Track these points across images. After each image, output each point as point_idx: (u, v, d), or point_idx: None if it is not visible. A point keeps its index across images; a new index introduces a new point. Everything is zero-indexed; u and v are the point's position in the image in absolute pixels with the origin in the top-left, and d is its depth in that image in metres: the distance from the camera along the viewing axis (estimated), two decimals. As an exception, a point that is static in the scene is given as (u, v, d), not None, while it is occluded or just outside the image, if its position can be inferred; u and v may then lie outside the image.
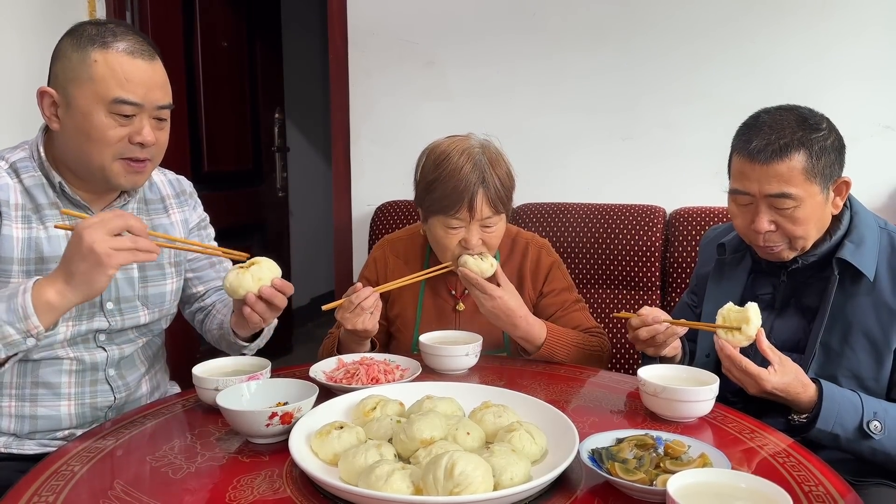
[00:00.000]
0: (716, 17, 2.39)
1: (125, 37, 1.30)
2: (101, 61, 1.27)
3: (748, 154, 1.34)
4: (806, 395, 1.28)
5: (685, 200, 2.36)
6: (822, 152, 1.32)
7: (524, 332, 1.54)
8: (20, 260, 1.33)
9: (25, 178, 1.36)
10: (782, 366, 1.27)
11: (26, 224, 1.34)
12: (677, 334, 1.40)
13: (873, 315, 1.35)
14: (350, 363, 1.44)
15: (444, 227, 1.59)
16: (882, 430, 1.26)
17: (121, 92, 1.27)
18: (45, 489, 0.98)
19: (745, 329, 1.28)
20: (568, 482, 0.99)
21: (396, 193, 2.65)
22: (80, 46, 1.28)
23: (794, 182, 1.31)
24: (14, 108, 2.38)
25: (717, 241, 1.59)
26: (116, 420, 1.24)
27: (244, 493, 0.97)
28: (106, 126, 1.28)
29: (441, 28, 2.67)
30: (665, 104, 2.47)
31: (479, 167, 1.56)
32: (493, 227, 1.61)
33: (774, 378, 1.25)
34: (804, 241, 1.37)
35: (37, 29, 2.48)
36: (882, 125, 2.28)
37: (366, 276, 1.81)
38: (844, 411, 1.26)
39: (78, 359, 1.40)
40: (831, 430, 1.26)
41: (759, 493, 0.88)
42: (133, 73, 1.28)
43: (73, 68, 1.28)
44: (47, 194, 1.36)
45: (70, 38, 1.30)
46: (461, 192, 1.54)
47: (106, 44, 1.27)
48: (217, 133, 3.36)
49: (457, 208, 1.55)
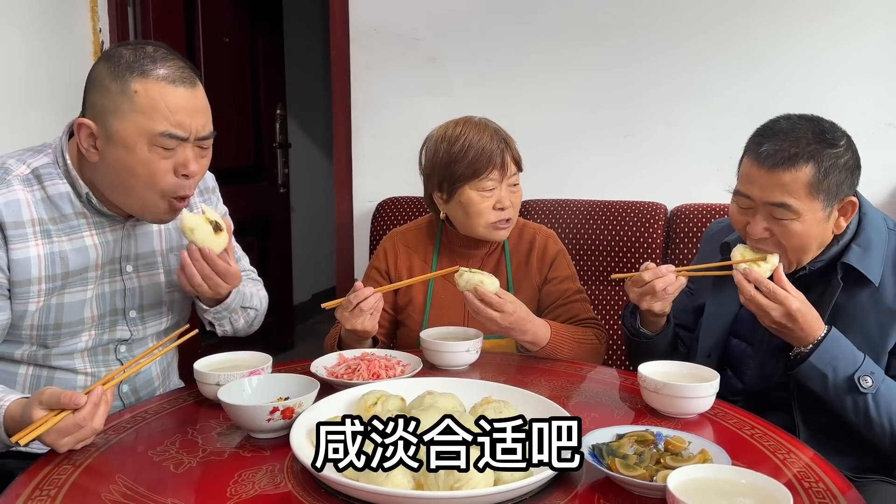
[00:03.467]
0: (718, 14, 2.39)
1: (165, 63, 1.23)
2: (141, 92, 1.20)
3: (756, 158, 1.32)
4: (818, 330, 1.29)
5: (686, 197, 2.36)
6: (833, 169, 1.28)
7: (532, 335, 1.55)
8: (44, 278, 1.28)
9: (49, 185, 1.29)
10: (799, 295, 1.29)
11: (46, 238, 1.27)
12: (683, 285, 1.43)
13: (874, 316, 1.34)
14: (351, 358, 1.44)
15: (479, 193, 1.66)
16: (872, 386, 1.26)
17: (166, 125, 1.21)
18: (47, 483, 0.98)
19: (770, 258, 1.32)
20: (568, 478, 0.99)
21: (398, 189, 2.65)
22: (118, 75, 1.20)
23: (796, 194, 1.29)
24: (16, 107, 2.38)
25: (720, 235, 1.57)
26: (117, 415, 1.24)
27: (245, 487, 0.97)
28: (150, 160, 1.23)
29: (443, 24, 2.67)
30: (667, 101, 2.47)
31: (497, 131, 1.70)
32: (517, 188, 1.71)
33: (797, 301, 1.27)
34: (799, 255, 1.35)
35: (39, 27, 2.48)
36: (884, 122, 2.28)
37: (375, 267, 1.81)
38: (842, 357, 1.27)
39: (94, 374, 1.39)
40: (822, 369, 1.27)
41: (760, 488, 0.88)
42: (176, 103, 1.22)
43: (112, 99, 1.20)
44: (73, 204, 1.30)
45: (106, 64, 1.23)
46: (490, 152, 1.65)
47: (145, 72, 1.20)
48: (218, 128, 3.30)
49: (489, 169, 1.64)
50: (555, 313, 1.71)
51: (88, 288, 1.34)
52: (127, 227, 1.38)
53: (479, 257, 1.77)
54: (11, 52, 2.38)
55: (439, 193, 1.72)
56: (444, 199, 1.71)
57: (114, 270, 1.38)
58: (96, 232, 1.33)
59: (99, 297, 1.36)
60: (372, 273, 1.81)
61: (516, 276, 1.76)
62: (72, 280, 1.31)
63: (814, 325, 1.28)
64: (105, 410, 1.09)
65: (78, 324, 1.34)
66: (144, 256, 1.42)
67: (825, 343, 1.28)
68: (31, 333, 1.31)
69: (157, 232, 1.45)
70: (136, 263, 1.41)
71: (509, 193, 1.68)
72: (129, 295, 1.40)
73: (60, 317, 1.32)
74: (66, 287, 1.31)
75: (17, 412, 1.10)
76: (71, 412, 1.04)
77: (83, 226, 1.32)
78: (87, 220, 1.32)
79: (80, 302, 1.33)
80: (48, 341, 1.33)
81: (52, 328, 1.32)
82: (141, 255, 1.41)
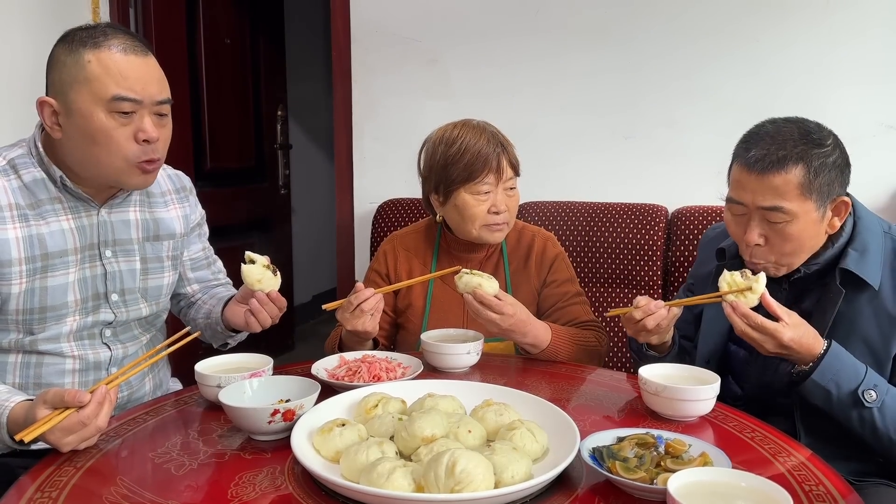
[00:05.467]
0: (719, 17, 2.39)
1: (116, 36, 1.30)
2: (94, 61, 1.27)
3: (745, 163, 1.32)
4: (817, 348, 1.27)
5: (687, 200, 2.36)
6: (822, 169, 1.29)
7: (532, 338, 1.55)
8: (24, 259, 1.32)
9: (24, 174, 1.35)
10: (791, 318, 1.27)
11: (23, 222, 1.33)
12: (676, 315, 1.41)
13: (874, 322, 1.33)
14: (352, 361, 1.45)
15: (473, 196, 1.66)
16: (876, 400, 1.25)
17: (118, 89, 1.27)
18: (48, 485, 0.98)
19: (755, 287, 1.28)
20: (569, 480, 1.00)
21: (399, 191, 2.66)
22: (72, 50, 1.28)
23: (788, 196, 1.29)
24: (20, 108, 2.38)
25: (716, 241, 1.58)
26: (119, 417, 1.24)
27: (246, 489, 0.97)
28: (108, 127, 1.28)
29: (444, 26, 2.67)
30: (667, 104, 2.47)
31: (494, 134, 1.69)
32: (514, 192, 1.71)
33: (789, 330, 1.25)
34: (791, 259, 1.35)
35: (41, 29, 2.48)
36: (884, 125, 2.28)
37: (375, 270, 1.81)
38: (844, 372, 1.26)
39: (82, 357, 1.41)
40: (825, 385, 1.26)
41: (760, 492, 0.88)
42: (128, 69, 1.28)
43: (69, 72, 1.28)
44: (48, 189, 1.36)
45: (62, 44, 1.31)
46: (486, 156, 1.64)
47: (98, 44, 1.28)
48: (220, 130, 3.37)
49: (485, 172, 1.64)
50: (554, 316, 1.71)
51: (70, 271, 1.37)
52: (102, 213, 1.42)
53: (478, 260, 1.77)
54: (13, 53, 2.39)
55: (436, 196, 1.72)
56: (440, 201, 1.72)
57: (94, 255, 1.42)
58: (72, 216, 1.38)
59: (81, 281, 1.39)
60: (372, 276, 1.81)
61: (515, 278, 1.76)
62: (52, 263, 1.35)
63: (812, 346, 1.27)
64: (109, 409, 1.09)
65: (62, 307, 1.37)
66: (122, 243, 1.46)
67: (826, 360, 1.26)
68: (17, 319, 1.34)
69: (134, 222, 1.48)
70: (115, 249, 1.45)
71: (505, 197, 1.67)
72: (109, 278, 1.44)
73: (45, 300, 1.35)
74: (48, 270, 1.34)
75: (21, 414, 1.11)
76: (75, 410, 1.05)
77: (59, 210, 1.37)
78: (63, 205, 1.37)
79: (63, 286, 1.37)
80: (34, 327, 1.36)
81: (36, 312, 1.35)
82: (119, 242, 1.45)
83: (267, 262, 1.42)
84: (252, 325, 1.45)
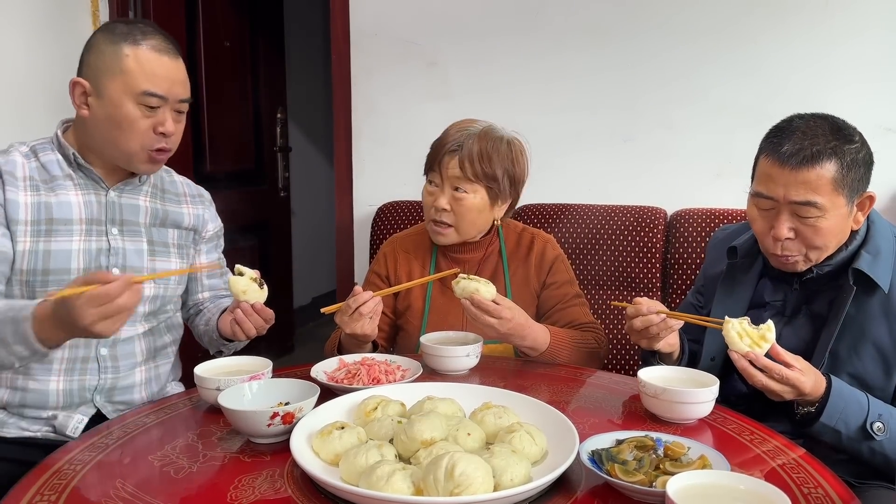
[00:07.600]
0: (718, 18, 2.39)
1: (153, 35, 1.43)
2: (131, 56, 1.39)
3: (778, 157, 1.31)
4: (822, 388, 1.27)
5: (686, 202, 2.36)
6: (853, 165, 1.30)
7: (531, 341, 1.55)
8: (30, 221, 1.40)
9: (42, 155, 1.46)
10: (799, 363, 1.26)
11: (34, 192, 1.42)
12: (672, 328, 1.38)
13: (885, 325, 1.34)
14: (351, 363, 1.45)
15: (426, 189, 1.73)
16: (885, 432, 1.25)
17: (148, 85, 1.40)
18: (47, 488, 0.98)
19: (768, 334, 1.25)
20: (568, 483, 1.00)
21: (398, 193, 2.65)
22: (112, 41, 1.40)
23: (821, 191, 1.29)
24: (17, 106, 2.39)
25: (727, 241, 1.56)
26: (118, 419, 1.24)
27: (245, 492, 0.97)
28: (134, 117, 1.40)
29: (443, 28, 2.68)
30: (666, 105, 2.47)
31: (464, 135, 1.67)
32: (464, 197, 1.67)
33: (807, 378, 1.24)
34: (820, 252, 1.35)
35: (40, 28, 2.48)
36: (883, 127, 2.28)
37: (375, 272, 1.82)
38: (850, 409, 1.26)
39: None
40: (834, 426, 1.25)
41: (759, 495, 0.88)
42: (160, 68, 1.41)
43: (105, 61, 1.40)
44: (62, 167, 1.46)
45: (103, 33, 1.43)
46: (436, 151, 1.69)
47: (136, 41, 1.40)
48: (219, 133, 3.36)
49: (432, 168, 1.70)
50: (554, 318, 1.72)
51: (74, 239, 1.44)
52: (111, 194, 1.50)
53: (476, 262, 1.77)
54: (13, 54, 2.39)
55: None
56: None
57: (100, 231, 1.48)
58: (81, 192, 1.47)
59: (85, 251, 1.45)
60: (372, 278, 1.82)
61: (514, 280, 1.76)
62: (56, 228, 1.42)
63: (819, 387, 1.26)
64: (135, 294, 1.13)
65: (64, 272, 1.42)
66: (129, 224, 1.52)
67: (831, 400, 1.26)
68: (22, 279, 1.40)
69: (144, 208, 1.55)
70: (122, 228, 1.51)
71: (451, 198, 1.67)
72: (113, 254, 1.48)
73: (48, 263, 1.41)
74: (53, 235, 1.42)
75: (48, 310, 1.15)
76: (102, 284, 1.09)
77: (69, 186, 1.46)
78: (73, 182, 1.47)
79: (66, 252, 1.43)
80: (37, 289, 1.40)
81: (40, 273, 1.40)
82: (126, 222, 1.52)
83: (255, 276, 1.45)
84: (237, 334, 1.48)
